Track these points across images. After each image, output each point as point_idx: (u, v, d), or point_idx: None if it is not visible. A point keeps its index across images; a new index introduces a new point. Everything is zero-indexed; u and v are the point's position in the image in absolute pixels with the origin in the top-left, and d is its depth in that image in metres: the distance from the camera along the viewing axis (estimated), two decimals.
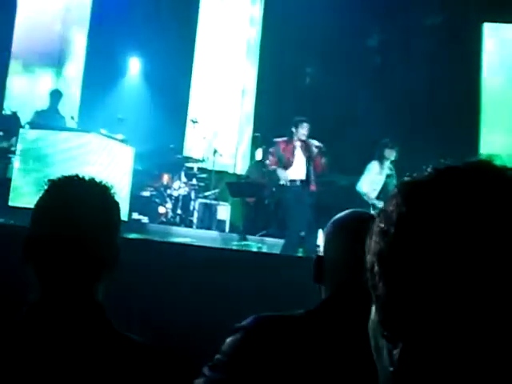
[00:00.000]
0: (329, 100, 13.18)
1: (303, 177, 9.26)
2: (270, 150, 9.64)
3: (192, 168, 12.15)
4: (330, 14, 13.06)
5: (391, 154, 9.50)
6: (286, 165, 9.19)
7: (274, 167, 9.37)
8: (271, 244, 10.13)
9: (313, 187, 9.34)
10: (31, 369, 1.51)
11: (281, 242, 9.41)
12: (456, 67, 12.04)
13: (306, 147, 9.24)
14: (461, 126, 11.58)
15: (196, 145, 13.46)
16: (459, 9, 12.52)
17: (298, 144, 9.25)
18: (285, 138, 9.34)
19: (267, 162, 9.69)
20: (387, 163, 9.51)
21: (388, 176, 9.51)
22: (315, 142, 9.27)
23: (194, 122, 12.49)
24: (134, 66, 15.34)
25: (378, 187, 9.49)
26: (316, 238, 9.69)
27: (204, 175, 12.31)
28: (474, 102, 12.29)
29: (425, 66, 12.47)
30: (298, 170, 9.24)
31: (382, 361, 0.92)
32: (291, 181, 9.18)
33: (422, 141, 11.39)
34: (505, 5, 11.70)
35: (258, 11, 15.25)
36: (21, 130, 10.12)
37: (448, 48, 12.30)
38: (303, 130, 9.23)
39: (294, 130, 9.27)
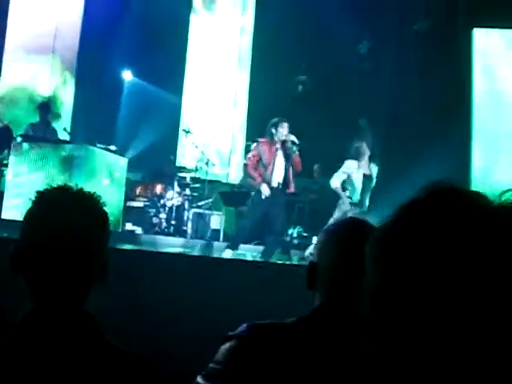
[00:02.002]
0: (320, 106, 13.21)
1: (281, 179, 9.14)
2: (252, 148, 9.43)
3: (185, 178, 12.15)
4: (320, 20, 13.11)
5: (366, 153, 9.48)
6: (266, 166, 9.02)
7: (252, 175, 9.23)
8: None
9: (291, 189, 9.23)
10: (22, 380, 1.50)
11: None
12: (446, 72, 12.07)
13: (286, 147, 9.07)
14: (451, 130, 11.59)
15: (189, 154, 13.47)
16: (449, 14, 12.57)
17: (278, 145, 9.05)
18: (267, 139, 9.09)
19: (247, 161, 9.47)
20: (363, 162, 9.47)
21: (365, 176, 9.49)
22: (292, 138, 9.05)
23: (186, 132, 12.48)
24: (126, 76, 15.34)
25: (359, 186, 9.44)
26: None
27: (197, 185, 12.30)
28: (464, 105, 12.31)
29: (415, 72, 12.51)
30: (277, 173, 9.09)
31: None
32: (270, 188, 9.02)
33: (411, 146, 11.42)
34: (494, 10, 11.74)
35: (248, 20, 15.28)
36: (13, 143, 10.11)
37: (438, 53, 12.34)
38: (283, 130, 8.99)
39: (273, 131, 8.99)
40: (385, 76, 13.06)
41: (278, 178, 9.06)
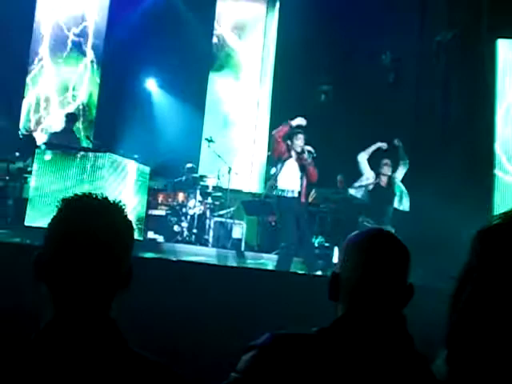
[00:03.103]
0: (343, 117, 13.19)
1: (298, 188, 9.18)
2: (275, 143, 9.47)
3: (207, 187, 12.17)
4: (343, 32, 13.10)
5: (388, 170, 9.58)
6: (280, 165, 9.12)
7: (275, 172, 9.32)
8: None
9: (303, 199, 9.27)
10: None
11: (296, 259, 9.37)
12: (469, 83, 12.00)
13: (302, 158, 9.13)
14: (474, 142, 11.52)
15: (211, 163, 13.50)
16: (472, 25, 12.49)
17: (293, 155, 9.13)
18: (285, 145, 9.17)
19: (275, 131, 9.46)
20: (384, 178, 9.56)
21: (384, 189, 9.54)
22: (308, 148, 9.14)
23: (208, 141, 12.52)
24: (150, 85, 15.40)
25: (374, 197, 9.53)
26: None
27: (219, 194, 12.32)
28: (488, 117, 12.22)
29: (437, 82, 12.44)
30: (293, 181, 9.14)
31: None
32: (288, 191, 9.09)
33: (435, 157, 11.34)
34: None
35: (271, 31, 15.31)
36: (37, 151, 10.18)
37: (461, 64, 12.26)
38: (299, 142, 9.08)
39: (289, 142, 9.12)
40: (408, 87, 13.00)
41: (294, 186, 9.12)
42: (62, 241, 1.61)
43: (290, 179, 9.11)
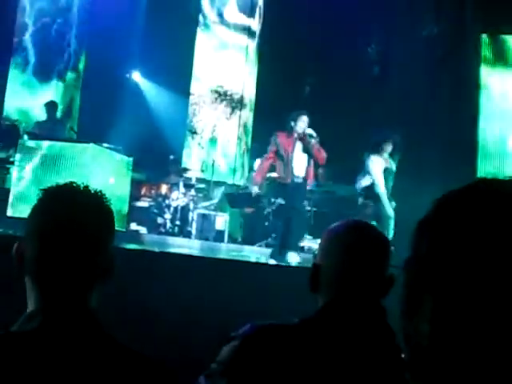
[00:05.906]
0: (327, 110, 13.20)
1: (303, 173, 9.05)
2: (271, 141, 9.31)
3: (190, 178, 12.14)
4: (328, 25, 13.11)
5: (388, 147, 9.28)
6: (285, 158, 8.98)
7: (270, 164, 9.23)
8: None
9: (310, 180, 9.16)
10: (27, 380, 1.50)
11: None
12: (454, 77, 12.07)
13: (304, 140, 8.97)
14: (459, 135, 11.59)
15: (194, 155, 13.48)
16: (458, 20, 12.56)
17: (297, 138, 8.96)
18: (285, 132, 9.01)
19: (265, 155, 9.34)
20: (385, 156, 9.28)
21: (385, 170, 9.30)
22: (309, 131, 8.95)
23: (192, 133, 12.50)
24: (134, 76, 15.35)
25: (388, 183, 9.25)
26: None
27: (203, 185, 12.30)
28: (472, 110, 12.29)
29: (423, 76, 12.49)
30: (298, 166, 9.01)
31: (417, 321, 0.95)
32: (293, 176, 8.96)
33: (420, 150, 11.39)
34: (503, 16, 11.74)
35: (256, 23, 15.28)
36: (20, 141, 10.12)
37: (447, 58, 12.33)
38: (301, 123, 8.93)
39: (292, 123, 8.95)
40: (393, 80, 13.04)
41: (298, 171, 9.01)
42: (42, 231, 1.60)
43: (296, 164, 9.00)
